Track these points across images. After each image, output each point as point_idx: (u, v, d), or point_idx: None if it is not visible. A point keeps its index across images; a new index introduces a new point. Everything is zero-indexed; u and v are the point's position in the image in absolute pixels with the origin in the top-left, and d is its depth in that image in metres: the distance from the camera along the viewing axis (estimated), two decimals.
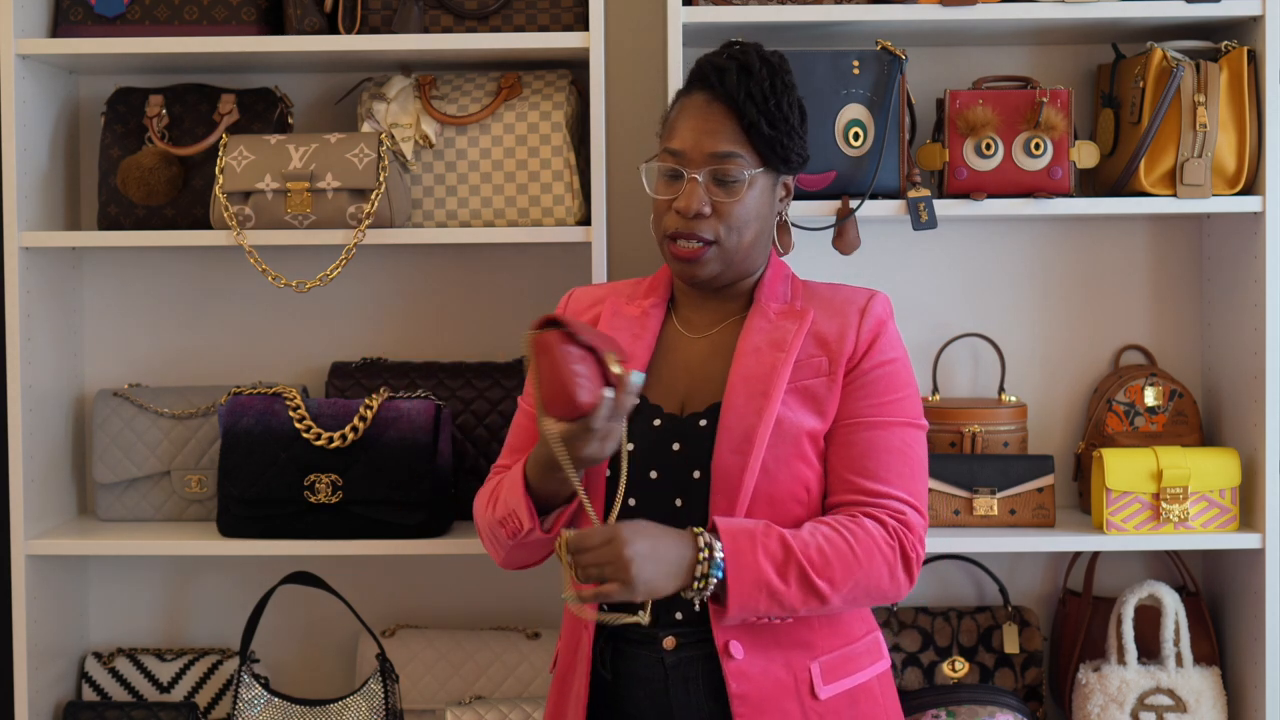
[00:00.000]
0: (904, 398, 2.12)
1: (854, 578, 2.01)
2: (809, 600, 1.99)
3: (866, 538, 2.02)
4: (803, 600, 1.99)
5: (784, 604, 1.98)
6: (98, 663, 2.89)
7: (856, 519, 2.04)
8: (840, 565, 2.00)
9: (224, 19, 2.74)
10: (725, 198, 2.09)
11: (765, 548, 1.98)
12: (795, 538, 2.00)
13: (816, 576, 1.98)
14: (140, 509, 2.86)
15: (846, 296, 2.17)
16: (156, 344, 3.00)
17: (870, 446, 2.08)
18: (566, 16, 2.74)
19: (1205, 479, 2.68)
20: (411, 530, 2.68)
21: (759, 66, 2.10)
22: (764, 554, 1.97)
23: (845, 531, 2.02)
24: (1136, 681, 2.72)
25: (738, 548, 1.97)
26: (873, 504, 2.06)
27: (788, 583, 1.98)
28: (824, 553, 1.99)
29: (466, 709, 2.76)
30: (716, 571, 1.96)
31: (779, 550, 1.98)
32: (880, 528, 2.04)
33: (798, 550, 1.98)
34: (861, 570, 2.01)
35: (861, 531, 2.02)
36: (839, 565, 2.00)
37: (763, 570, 1.97)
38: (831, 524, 2.03)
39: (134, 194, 2.75)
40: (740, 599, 1.97)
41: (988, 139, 2.67)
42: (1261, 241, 2.67)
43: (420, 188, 2.78)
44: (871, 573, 2.02)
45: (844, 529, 2.02)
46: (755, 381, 2.08)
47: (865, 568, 2.01)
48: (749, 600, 1.97)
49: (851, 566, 2.00)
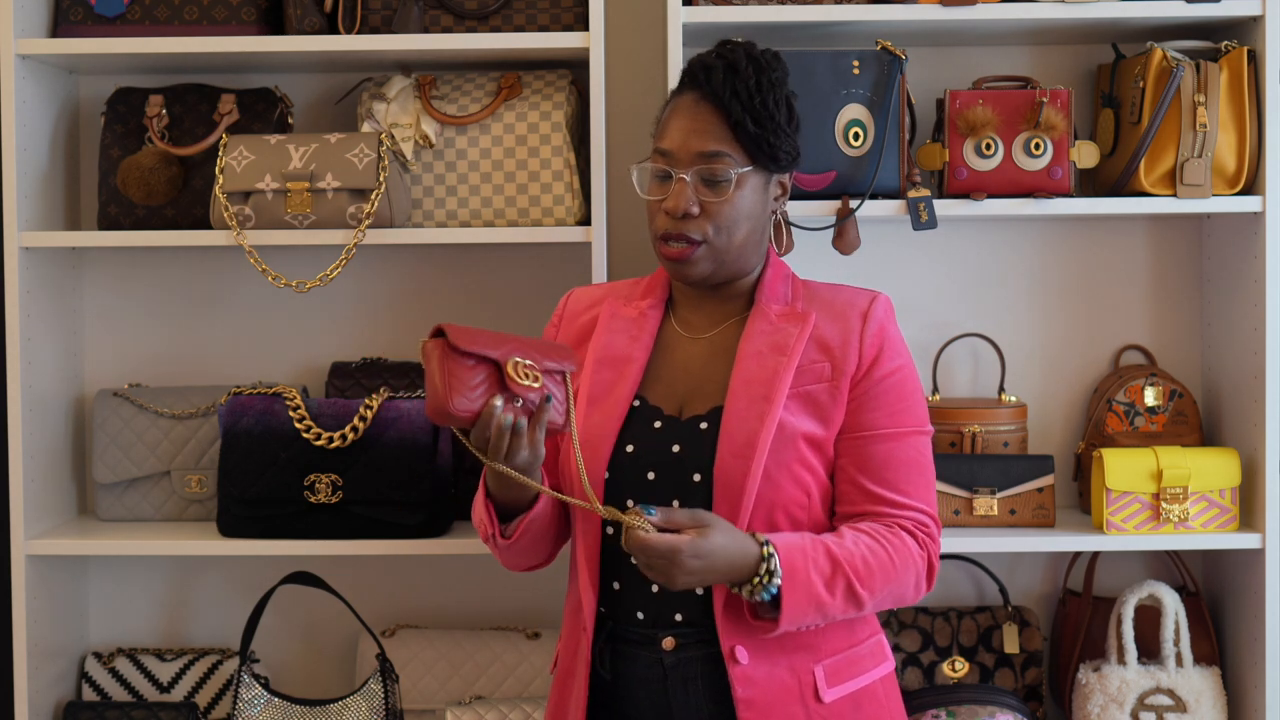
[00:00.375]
0: (913, 405, 2.13)
1: (890, 587, 2.04)
2: (848, 609, 2.03)
3: (905, 549, 2.05)
4: (843, 609, 2.02)
5: (827, 614, 2.01)
6: (98, 663, 2.89)
7: (894, 530, 2.06)
8: (881, 576, 2.03)
9: (224, 19, 2.74)
10: (713, 197, 2.08)
11: (815, 564, 1.99)
12: (840, 548, 2.01)
13: (861, 587, 2.01)
14: (140, 509, 2.86)
15: (848, 299, 2.16)
16: (156, 344, 3.00)
17: (889, 459, 2.09)
18: (566, 16, 2.74)
19: (1205, 479, 2.68)
20: (411, 530, 2.68)
21: (745, 64, 2.09)
22: (815, 570, 1.99)
23: (886, 543, 2.04)
24: (1136, 681, 2.72)
25: (793, 566, 1.98)
26: (898, 516, 2.08)
27: (834, 595, 2.00)
28: (868, 564, 2.02)
29: (466, 709, 2.76)
30: (771, 589, 1.97)
31: (827, 566, 2.00)
32: (913, 540, 2.07)
33: (845, 564, 2.01)
34: (898, 579, 2.05)
35: (900, 544, 2.05)
36: (880, 576, 2.03)
37: (814, 586, 1.99)
38: (872, 534, 2.05)
39: (134, 194, 2.75)
40: (792, 615, 1.98)
41: (988, 139, 2.67)
42: (1261, 241, 2.67)
43: (420, 188, 2.78)
44: (904, 582, 2.06)
45: (885, 541, 2.05)
46: (757, 386, 2.07)
47: (901, 577, 2.05)
48: (800, 616, 1.99)
49: (890, 577, 2.04)
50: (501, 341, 1.98)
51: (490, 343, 1.96)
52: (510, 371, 1.95)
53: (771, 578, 1.97)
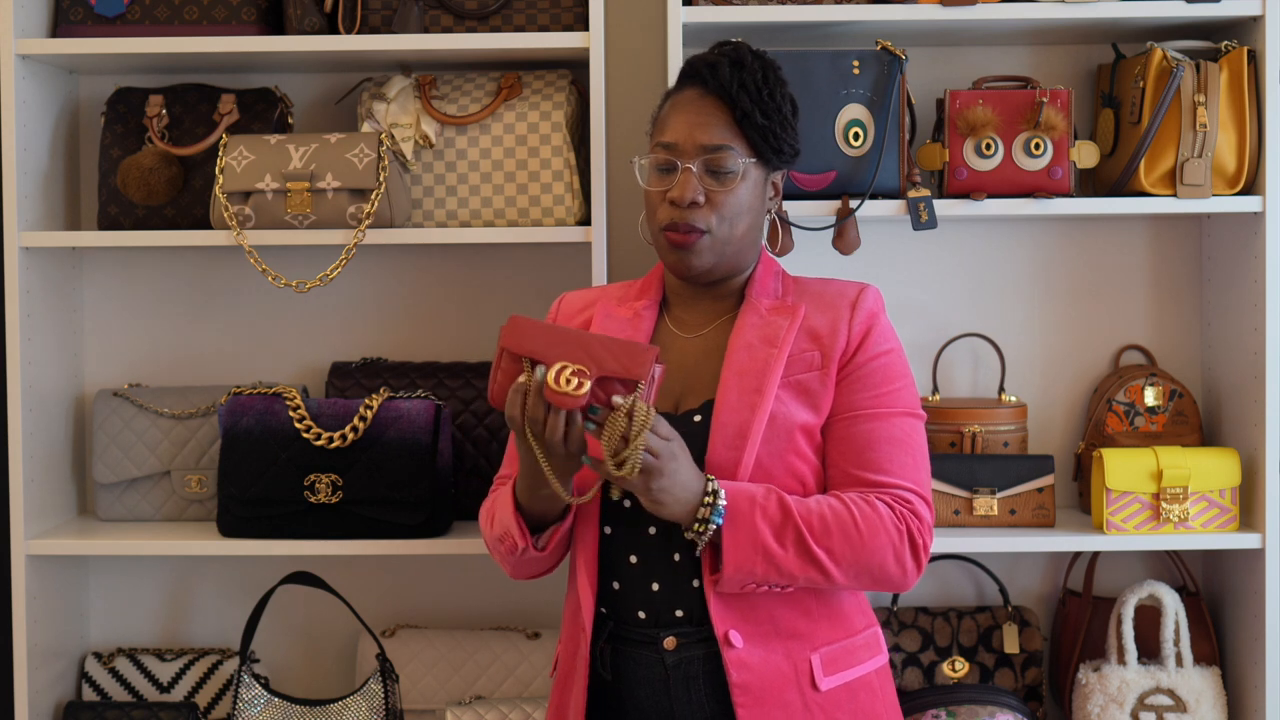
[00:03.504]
0: (901, 388, 2.12)
1: (854, 551, 2.01)
2: (807, 568, 2.00)
3: (873, 514, 2.03)
4: (801, 567, 2.00)
5: (781, 569, 1.99)
6: (98, 663, 2.89)
7: (866, 497, 2.05)
8: (840, 535, 2.01)
9: (224, 19, 2.74)
10: (718, 188, 2.10)
11: (764, 510, 1.99)
12: (798, 504, 2.01)
13: (815, 544, 1.99)
14: (140, 509, 2.86)
15: (837, 290, 2.18)
16: (156, 344, 3.00)
17: (871, 438, 2.08)
18: (566, 16, 2.74)
19: (1205, 479, 2.68)
20: (411, 530, 2.68)
21: (751, 60, 2.13)
22: (762, 516, 1.99)
23: (851, 505, 2.03)
24: (1136, 681, 2.72)
25: (736, 508, 1.98)
26: (876, 492, 2.07)
27: (785, 547, 1.99)
28: (825, 520, 2.01)
29: (466, 709, 2.76)
30: (716, 518, 1.97)
31: (777, 513, 1.99)
32: (889, 510, 2.05)
33: (798, 515, 2.00)
34: (864, 545, 2.02)
35: (869, 508, 2.03)
36: (839, 535, 2.01)
37: (760, 532, 1.98)
38: (839, 497, 2.05)
39: (134, 194, 2.75)
40: (736, 559, 1.98)
41: (988, 139, 2.67)
42: (1261, 241, 2.67)
43: (420, 188, 2.78)
44: (875, 550, 2.03)
45: (851, 502, 2.03)
46: (748, 377, 2.08)
47: (868, 543, 2.02)
48: (745, 561, 1.98)
49: (852, 538, 2.01)
50: (561, 342, 1.94)
51: (547, 343, 1.93)
52: (550, 381, 1.92)
53: (717, 499, 1.97)
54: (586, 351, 1.93)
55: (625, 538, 2.10)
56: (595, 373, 1.92)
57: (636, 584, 2.10)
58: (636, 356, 1.93)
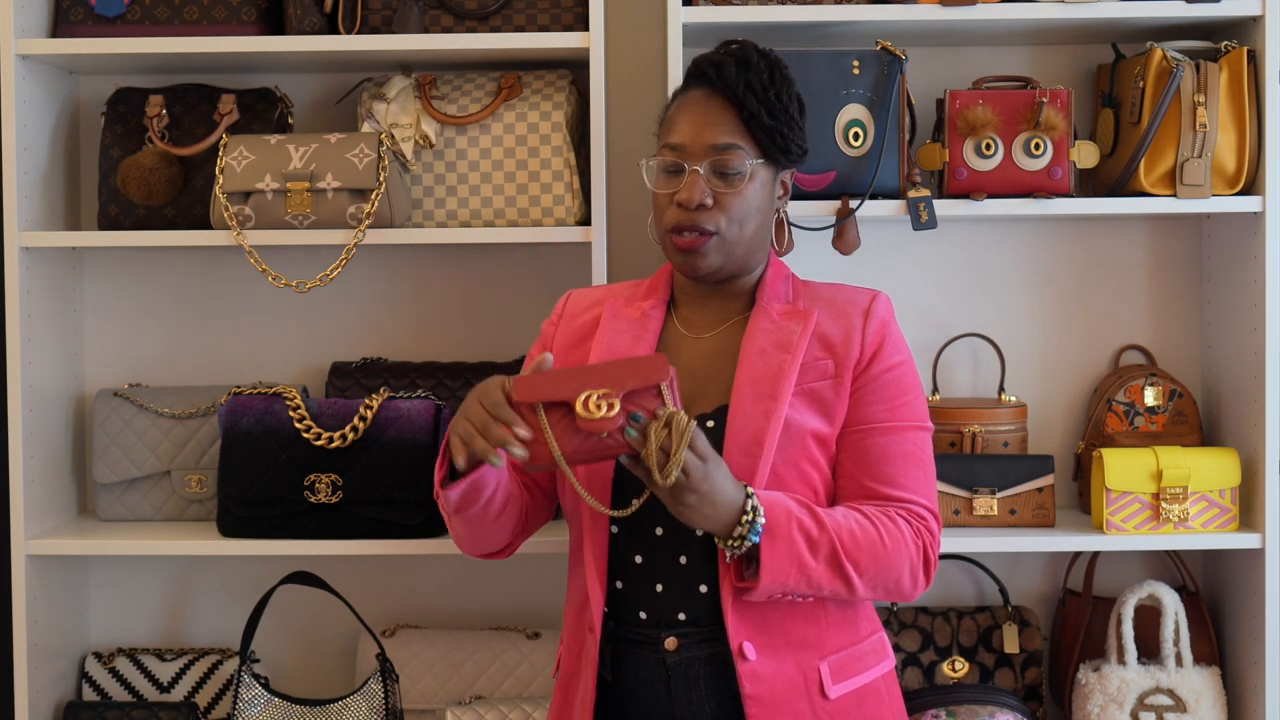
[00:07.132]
0: (913, 400, 2.13)
1: (879, 566, 2.03)
2: (834, 581, 2.01)
3: (897, 532, 2.05)
4: (829, 580, 2.01)
5: (812, 581, 2.00)
6: (98, 663, 2.89)
7: (889, 513, 2.06)
8: (869, 551, 2.02)
9: (224, 19, 2.74)
10: (726, 189, 2.09)
11: (800, 523, 1.99)
12: (829, 517, 2.02)
13: (845, 558, 2.00)
14: (140, 509, 2.86)
15: (849, 297, 2.17)
16: (156, 344, 3.00)
17: (885, 452, 2.09)
18: (566, 16, 2.74)
19: (1205, 479, 2.69)
20: (411, 530, 2.68)
21: (757, 59, 2.12)
22: (799, 529, 1.99)
23: (877, 521, 2.04)
24: (1136, 681, 2.72)
25: (775, 521, 1.98)
26: (894, 506, 2.08)
27: (818, 560, 1.99)
28: (854, 535, 2.02)
29: (466, 709, 2.76)
30: (754, 536, 1.97)
31: (813, 526, 2.00)
32: (909, 527, 2.06)
33: (830, 529, 2.00)
34: (888, 560, 2.04)
35: (893, 525, 2.05)
36: (867, 550, 2.02)
37: (796, 544, 1.98)
38: (865, 512, 2.05)
39: (134, 194, 2.75)
40: (773, 571, 1.97)
41: (988, 139, 2.67)
42: (1261, 241, 2.67)
43: (420, 188, 2.78)
44: (895, 566, 2.05)
45: (876, 520, 2.04)
46: (762, 383, 2.08)
47: (892, 559, 2.04)
48: (780, 573, 1.98)
49: (878, 554, 2.03)
50: (574, 377, 1.94)
51: (560, 383, 1.94)
52: (580, 410, 1.92)
53: (756, 517, 1.96)
54: (601, 376, 1.94)
55: (631, 538, 2.10)
56: (619, 390, 1.93)
57: (640, 584, 2.09)
58: (649, 364, 1.96)
